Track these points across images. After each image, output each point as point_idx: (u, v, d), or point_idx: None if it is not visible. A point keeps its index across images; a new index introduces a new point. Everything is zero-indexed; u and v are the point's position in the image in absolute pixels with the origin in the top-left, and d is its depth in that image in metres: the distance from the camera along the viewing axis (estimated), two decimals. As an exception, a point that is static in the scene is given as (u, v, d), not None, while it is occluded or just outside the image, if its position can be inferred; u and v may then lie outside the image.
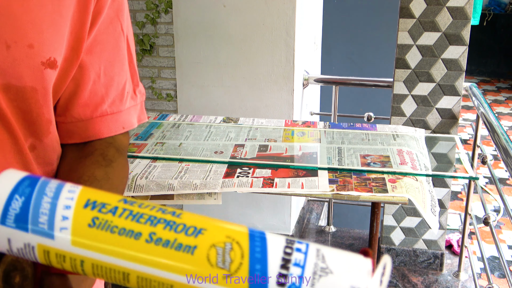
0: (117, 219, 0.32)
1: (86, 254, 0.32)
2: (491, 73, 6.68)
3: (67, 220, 0.32)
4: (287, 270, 0.31)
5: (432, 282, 2.42)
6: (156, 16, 2.59)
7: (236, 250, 0.32)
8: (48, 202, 0.33)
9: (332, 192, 1.40)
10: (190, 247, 0.31)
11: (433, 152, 2.15)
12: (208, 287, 0.31)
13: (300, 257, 0.31)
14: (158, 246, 0.31)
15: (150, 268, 0.32)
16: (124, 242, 0.32)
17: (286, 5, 2.32)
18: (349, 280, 0.31)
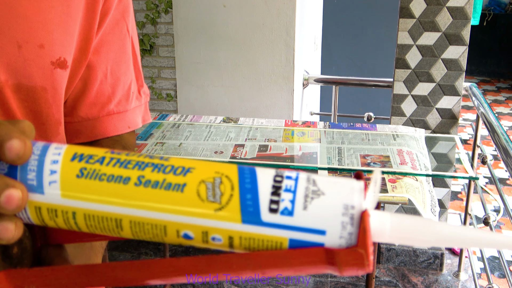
0: (104, 167, 0.32)
1: (77, 205, 0.32)
2: (491, 73, 6.68)
3: (55, 173, 0.32)
4: (278, 196, 0.30)
5: (432, 282, 2.42)
6: (156, 16, 2.59)
7: (225, 183, 0.31)
8: (35, 160, 0.33)
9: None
10: (180, 185, 0.31)
11: (433, 152, 2.15)
12: (201, 222, 0.31)
13: (290, 183, 0.31)
14: (148, 188, 0.31)
15: (141, 211, 0.31)
16: (113, 188, 0.32)
17: (286, 5, 2.32)
18: (341, 199, 0.30)
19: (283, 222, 0.30)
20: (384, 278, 2.45)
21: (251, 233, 0.31)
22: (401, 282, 2.42)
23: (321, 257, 0.30)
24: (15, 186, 0.31)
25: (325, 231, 0.30)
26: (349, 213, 0.30)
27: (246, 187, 0.31)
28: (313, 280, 2.45)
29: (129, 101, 0.67)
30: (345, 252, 0.30)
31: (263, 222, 0.30)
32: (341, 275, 0.32)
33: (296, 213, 0.30)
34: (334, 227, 0.30)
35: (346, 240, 0.30)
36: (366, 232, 0.29)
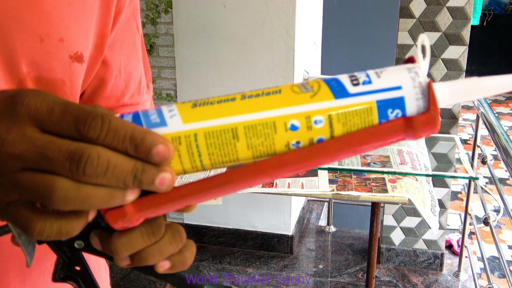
0: (211, 99, 0.38)
1: (196, 126, 0.37)
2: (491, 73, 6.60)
3: (173, 110, 0.38)
4: (355, 77, 0.37)
5: (432, 282, 2.42)
6: (156, 16, 2.59)
7: (312, 82, 0.38)
8: (153, 110, 0.38)
9: (332, 192, 1.40)
10: (276, 91, 0.38)
11: (433, 152, 2.15)
12: (303, 109, 0.37)
13: (362, 72, 0.38)
14: (252, 99, 0.37)
15: (251, 115, 0.37)
16: (224, 106, 0.37)
17: (286, 5, 2.32)
18: (403, 66, 0.38)
19: (367, 89, 0.37)
20: (384, 278, 2.45)
21: (345, 105, 0.37)
22: (401, 282, 2.42)
23: (402, 124, 0.36)
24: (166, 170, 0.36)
25: (401, 86, 0.37)
26: (413, 70, 0.37)
27: (329, 79, 0.38)
28: (313, 280, 2.45)
29: (141, 95, 0.71)
30: (420, 116, 0.36)
31: (351, 93, 0.37)
32: (416, 138, 0.38)
33: (373, 80, 0.37)
34: (407, 80, 0.37)
35: (419, 89, 0.37)
36: (434, 97, 0.36)
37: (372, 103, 0.37)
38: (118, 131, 0.35)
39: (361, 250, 2.66)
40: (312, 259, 2.62)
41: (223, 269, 2.52)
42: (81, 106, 0.35)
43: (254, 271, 2.51)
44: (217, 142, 0.37)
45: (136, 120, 0.38)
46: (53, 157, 0.34)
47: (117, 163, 0.34)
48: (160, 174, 0.35)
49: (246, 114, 0.37)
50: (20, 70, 0.53)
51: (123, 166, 0.35)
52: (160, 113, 0.37)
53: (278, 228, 2.63)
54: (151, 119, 0.37)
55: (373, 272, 1.71)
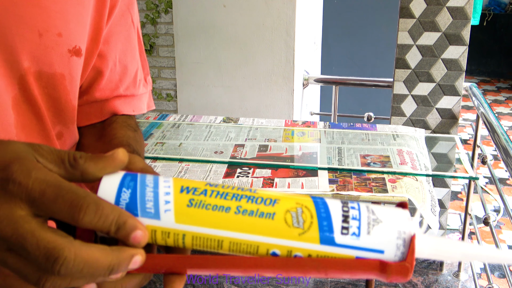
0: (208, 198, 0.40)
1: (187, 228, 0.39)
2: (491, 73, 6.67)
3: (169, 203, 0.39)
4: (347, 223, 0.39)
5: (432, 282, 2.42)
6: (156, 16, 2.59)
7: (306, 212, 0.39)
8: (151, 191, 0.40)
9: (332, 192, 1.40)
10: (270, 214, 0.39)
11: (433, 152, 2.15)
12: (288, 243, 0.39)
13: (355, 213, 0.39)
14: (245, 216, 0.39)
15: (239, 234, 0.39)
16: (217, 216, 0.39)
17: (286, 5, 2.32)
18: (396, 226, 0.39)
19: (352, 244, 0.38)
20: (384, 278, 2.45)
21: (326, 252, 0.39)
22: (401, 282, 2.42)
23: (376, 266, 0.38)
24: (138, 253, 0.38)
25: (383, 251, 0.39)
26: (402, 237, 0.39)
27: (322, 216, 0.39)
28: (313, 280, 2.45)
29: (137, 87, 0.71)
30: (395, 265, 0.38)
31: (336, 243, 0.38)
32: (387, 281, 0.40)
33: (362, 236, 0.38)
34: (391, 248, 0.39)
35: (398, 258, 0.39)
36: (413, 252, 0.38)
37: (352, 257, 0.39)
38: (108, 217, 0.37)
39: (361, 250, 2.66)
40: (312, 259, 2.62)
41: (223, 269, 2.52)
42: (73, 190, 0.37)
43: (254, 271, 2.51)
44: (202, 244, 0.40)
45: (132, 202, 0.40)
46: (30, 251, 0.35)
47: (93, 263, 0.36)
48: (134, 258, 0.38)
49: (236, 232, 0.39)
50: (21, 65, 0.54)
51: (99, 264, 0.36)
52: (156, 203, 0.40)
53: (278, 228, 2.63)
54: (147, 206, 0.40)
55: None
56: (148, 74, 0.76)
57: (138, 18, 0.72)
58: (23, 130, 0.56)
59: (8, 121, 0.54)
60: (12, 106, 0.55)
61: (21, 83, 0.55)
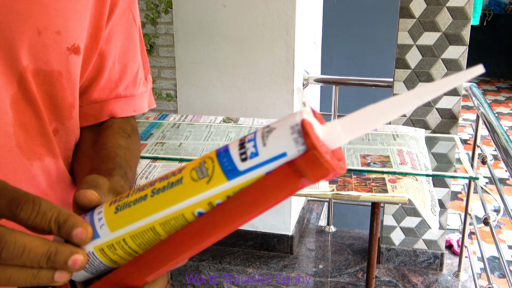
0: (129, 198, 0.41)
1: (122, 232, 0.41)
2: (491, 73, 6.68)
3: (102, 219, 0.41)
4: (244, 148, 0.37)
5: (432, 282, 2.42)
6: (156, 16, 2.59)
7: (207, 161, 0.39)
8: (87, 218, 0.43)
9: (332, 192, 1.40)
10: (179, 180, 0.39)
11: (433, 152, 2.15)
12: (203, 196, 0.38)
13: (250, 136, 0.38)
14: (159, 194, 0.40)
15: (162, 212, 0.39)
16: (138, 207, 0.40)
17: (286, 5, 2.32)
18: (287, 123, 0.36)
19: (255, 163, 0.37)
20: (384, 278, 2.45)
21: (239, 184, 0.37)
22: (401, 282, 2.42)
23: (286, 170, 0.36)
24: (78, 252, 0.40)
25: (285, 152, 0.36)
26: (296, 129, 0.36)
27: (222, 155, 0.38)
28: (313, 280, 2.45)
29: (136, 87, 0.71)
30: (301, 158, 0.35)
31: (241, 171, 0.37)
32: (315, 182, 0.36)
33: (259, 151, 0.37)
34: (290, 145, 0.36)
35: (303, 149, 0.35)
36: (309, 134, 0.35)
37: (262, 175, 0.37)
38: (46, 214, 0.39)
39: (361, 250, 2.66)
40: (312, 259, 2.62)
41: (223, 269, 2.52)
42: (15, 190, 0.40)
43: (254, 271, 2.51)
44: (143, 240, 0.41)
45: None
46: None
47: (32, 247, 0.38)
48: (73, 256, 0.40)
49: (157, 213, 0.40)
50: (19, 63, 0.54)
51: (38, 250, 0.39)
52: (93, 224, 0.42)
53: (278, 228, 2.63)
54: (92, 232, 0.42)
55: (373, 272, 1.71)
56: (149, 72, 0.75)
57: (139, 17, 0.72)
58: (22, 128, 0.56)
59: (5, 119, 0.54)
60: (11, 105, 0.54)
61: (20, 81, 0.55)
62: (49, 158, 0.60)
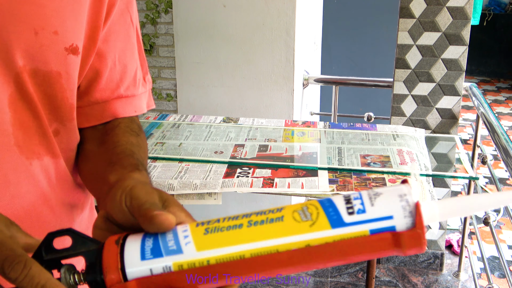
0: (221, 223, 0.43)
1: (208, 254, 0.42)
2: (491, 73, 6.67)
3: (188, 237, 0.43)
4: (351, 203, 0.41)
5: (432, 282, 2.42)
6: (156, 16, 2.59)
7: (311, 207, 0.41)
8: (170, 234, 0.43)
9: (332, 192, 1.40)
10: (279, 217, 0.42)
11: (433, 152, 2.15)
12: (303, 238, 0.40)
13: (355, 195, 0.42)
14: (257, 226, 0.42)
15: (257, 243, 0.41)
16: (232, 234, 0.42)
17: (286, 5, 2.32)
18: (396, 191, 0.41)
19: (361, 219, 0.40)
20: (384, 278, 2.45)
21: (340, 234, 0.40)
22: (401, 282, 2.42)
23: (389, 238, 0.40)
24: None
25: (392, 216, 0.40)
26: (405, 198, 0.40)
27: (327, 205, 0.41)
28: (313, 280, 2.45)
29: (136, 87, 0.71)
30: (407, 233, 0.39)
31: (346, 223, 0.40)
32: (402, 254, 0.41)
33: (367, 209, 0.40)
34: (398, 210, 0.40)
35: (410, 219, 0.40)
36: (420, 215, 0.40)
37: (366, 232, 0.40)
38: (34, 279, 0.40)
39: (361, 250, 2.66)
40: (312, 259, 2.62)
41: (223, 269, 2.52)
42: (13, 248, 0.41)
43: (254, 271, 2.51)
44: None
45: (155, 246, 0.43)
46: None
47: None
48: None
49: (253, 243, 0.41)
50: (15, 63, 0.53)
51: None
52: (176, 240, 0.43)
53: (278, 228, 2.63)
54: (169, 245, 0.43)
55: (373, 272, 1.71)
56: (147, 73, 0.75)
57: (137, 17, 0.72)
58: (21, 128, 0.56)
59: (3, 119, 0.54)
60: (9, 104, 0.54)
61: (17, 81, 0.54)
62: (48, 158, 0.60)
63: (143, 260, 0.42)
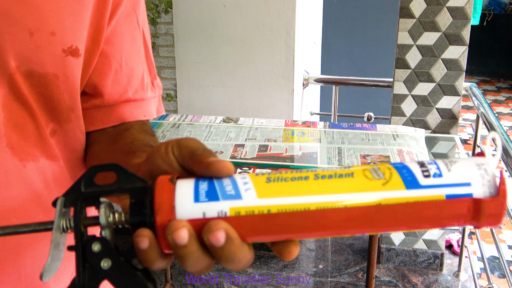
0: (285, 174, 0.40)
1: (270, 202, 0.38)
2: (491, 73, 6.68)
3: (248, 183, 0.39)
4: (425, 167, 0.38)
5: (432, 282, 2.42)
6: (156, 16, 2.59)
7: (382, 167, 0.39)
8: (227, 179, 0.40)
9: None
10: (349, 174, 0.39)
11: (433, 152, 2.15)
12: (375, 196, 0.38)
13: (430, 160, 0.39)
14: (325, 180, 0.39)
15: (324, 196, 0.38)
16: (297, 184, 0.39)
17: (286, 5, 2.32)
18: (473, 160, 0.39)
19: (437, 183, 0.38)
20: (384, 278, 2.45)
21: (415, 196, 0.38)
22: (401, 282, 2.42)
23: (469, 204, 0.37)
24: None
25: (470, 183, 0.38)
26: (483, 167, 0.38)
27: (400, 167, 0.39)
28: (313, 280, 2.45)
29: (145, 91, 0.69)
30: (489, 200, 0.37)
31: (422, 185, 0.38)
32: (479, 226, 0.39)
33: (444, 174, 0.38)
34: (476, 178, 0.38)
35: (487, 187, 0.37)
36: (505, 183, 0.37)
37: (441, 196, 0.38)
38: None
39: (361, 250, 2.66)
40: (312, 259, 2.62)
41: (223, 269, 2.52)
42: None
43: (254, 271, 2.51)
44: None
45: (211, 189, 0.39)
46: None
47: None
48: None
49: (320, 195, 0.38)
50: (8, 64, 0.52)
51: None
52: (235, 185, 0.39)
53: (278, 228, 2.63)
54: (226, 190, 0.39)
55: (373, 272, 1.71)
56: (156, 78, 0.73)
57: (146, 20, 0.70)
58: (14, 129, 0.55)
59: None
60: (2, 105, 0.54)
61: (11, 82, 0.53)
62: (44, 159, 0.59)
63: (196, 202, 0.39)
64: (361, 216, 0.38)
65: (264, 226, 0.39)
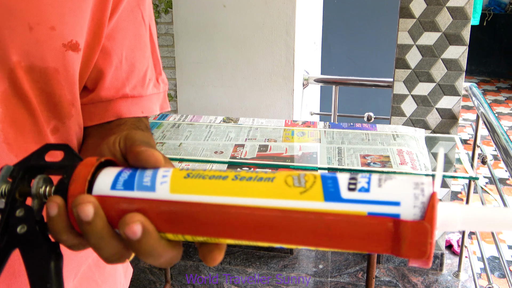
0: (206, 172, 0.39)
1: (182, 198, 0.37)
2: (491, 73, 6.67)
3: (166, 177, 0.39)
4: (355, 180, 0.35)
5: (432, 282, 2.42)
6: (156, 16, 2.59)
7: (308, 175, 0.36)
8: (150, 171, 0.40)
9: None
10: (270, 178, 0.36)
11: (433, 152, 2.15)
12: (289, 204, 0.35)
13: (366, 175, 0.35)
14: (242, 181, 0.37)
15: (236, 198, 0.36)
16: (213, 183, 0.37)
17: (286, 5, 2.32)
18: (411, 178, 0.34)
19: (361, 198, 0.34)
20: (384, 278, 2.45)
21: (332, 210, 0.34)
22: (401, 282, 2.42)
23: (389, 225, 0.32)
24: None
25: (400, 202, 0.33)
26: (420, 187, 0.33)
27: (327, 176, 0.36)
28: (313, 280, 2.45)
29: (145, 87, 0.69)
30: (411, 223, 0.32)
31: (343, 198, 0.34)
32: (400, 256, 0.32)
33: (372, 190, 0.34)
34: (408, 197, 0.33)
35: (419, 209, 0.32)
36: (434, 207, 0.32)
37: (363, 213, 0.33)
38: None
39: (361, 250, 2.66)
40: (312, 259, 2.62)
41: (223, 269, 2.52)
42: None
43: (254, 271, 2.51)
44: None
45: (130, 178, 0.39)
46: None
47: None
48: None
49: (233, 197, 0.36)
50: (9, 59, 0.52)
51: None
52: (154, 177, 0.39)
53: (278, 228, 2.63)
54: (143, 181, 0.39)
55: (373, 272, 1.71)
56: (161, 74, 0.72)
57: (152, 16, 0.69)
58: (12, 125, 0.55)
59: None
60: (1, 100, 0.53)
61: (11, 77, 0.53)
62: None
63: (112, 190, 0.39)
64: (267, 224, 0.35)
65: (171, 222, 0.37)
